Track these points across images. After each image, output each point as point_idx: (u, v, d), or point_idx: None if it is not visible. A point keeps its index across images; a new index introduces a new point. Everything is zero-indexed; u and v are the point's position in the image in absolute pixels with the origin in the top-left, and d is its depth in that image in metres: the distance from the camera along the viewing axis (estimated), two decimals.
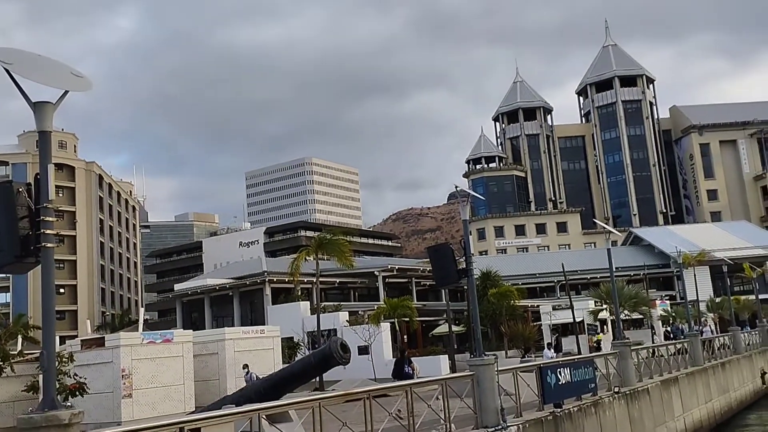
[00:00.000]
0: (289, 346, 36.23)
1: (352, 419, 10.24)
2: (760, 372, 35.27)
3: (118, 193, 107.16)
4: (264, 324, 40.78)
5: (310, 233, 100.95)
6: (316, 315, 34.44)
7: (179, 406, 22.77)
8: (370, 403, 10.35)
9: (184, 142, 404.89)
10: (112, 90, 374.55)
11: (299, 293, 48.76)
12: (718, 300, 60.78)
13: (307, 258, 36.37)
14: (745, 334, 38.07)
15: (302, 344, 37.72)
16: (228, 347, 26.15)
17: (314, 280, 35.61)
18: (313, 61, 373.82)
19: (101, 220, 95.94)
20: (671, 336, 44.21)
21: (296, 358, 33.02)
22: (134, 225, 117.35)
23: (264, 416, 8.54)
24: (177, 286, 59.94)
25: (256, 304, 51.55)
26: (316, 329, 33.22)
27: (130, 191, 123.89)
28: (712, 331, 40.41)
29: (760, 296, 56.21)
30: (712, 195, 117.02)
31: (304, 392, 20.26)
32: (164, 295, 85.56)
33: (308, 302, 45.54)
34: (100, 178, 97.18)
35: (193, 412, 16.40)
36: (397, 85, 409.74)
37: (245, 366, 23.85)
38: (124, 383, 22.07)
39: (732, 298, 52.75)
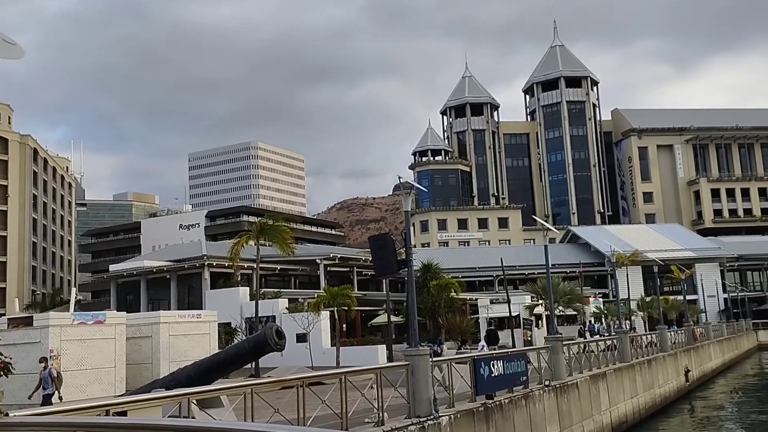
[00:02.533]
0: (226, 331, 35.83)
1: (284, 406, 10.19)
2: (684, 370, 36.64)
3: (54, 169, 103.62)
4: (201, 309, 40.17)
5: (252, 218, 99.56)
6: (255, 301, 34.11)
7: (109, 389, 22.26)
8: (304, 391, 10.32)
9: (127, 119, 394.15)
10: (54, 61, 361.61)
11: (239, 279, 48.20)
12: (648, 299, 62.85)
13: (249, 243, 35.95)
14: (672, 333, 39.49)
15: (240, 330, 37.33)
16: (162, 331, 25.69)
17: (254, 265, 35.26)
18: (265, 43, 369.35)
19: (35, 196, 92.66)
20: (588, 334, 44.35)
21: (232, 344, 32.65)
22: (70, 202, 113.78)
23: (194, 401, 8.40)
24: (112, 267, 58.41)
25: (195, 288, 50.70)
26: (254, 315, 32.91)
27: (67, 167, 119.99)
28: (634, 329, 41.24)
29: (688, 297, 58.47)
30: (648, 197, 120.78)
31: (238, 378, 20.07)
32: (99, 275, 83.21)
33: (248, 288, 45.08)
34: (35, 152, 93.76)
35: (122, 396, 16.04)
36: (349, 73, 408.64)
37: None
38: (52, 364, 21.42)
39: (661, 297, 54.66)
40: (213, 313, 29.41)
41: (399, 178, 13.91)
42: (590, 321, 50.20)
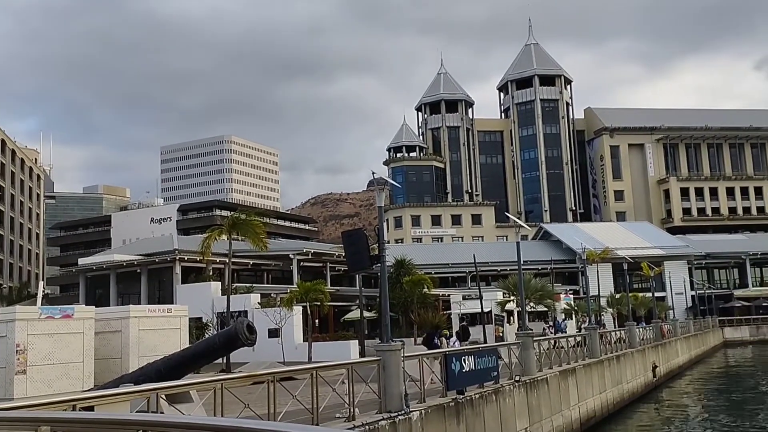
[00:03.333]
0: (197, 326, 35.58)
1: (255, 401, 10.16)
2: (652, 365, 37.24)
3: (22, 160, 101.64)
4: (172, 303, 39.82)
5: (225, 213, 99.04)
6: (226, 296, 33.90)
7: (77, 384, 21.95)
8: (275, 386, 10.29)
9: (99, 111, 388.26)
10: (24, 51, 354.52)
11: (211, 273, 47.85)
12: (617, 296, 63.70)
13: (221, 238, 35.71)
14: (640, 330, 40.08)
15: (211, 325, 37.10)
16: (132, 325, 25.38)
17: (227, 260, 35.02)
18: (239, 36, 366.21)
19: (2, 188, 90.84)
20: (552, 331, 44.14)
21: (203, 339, 32.44)
22: (38, 194, 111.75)
23: (163, 396, 8.34)
24: (81, 261, 57.61)
25: (165, 282, 50.21)
26: (226, 310, 32.71)
27: (36, 159, 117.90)
28: (603, 326, 41.40)
29: (656, 294, 59.41)
30: (619, 195, 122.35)
31: (208, 373, 19.95)
32: (67, 269, 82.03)
33: (219, 283, 44.78)
34: (3, 143, 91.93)
35: (89, 391, 15.84)
36: (325, 68, 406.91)
37: None
38: (18, 359, 21.08)
39: (630, 294, 55.44)
40: (184, 308, 29.11)
41: (373, 174, 13.92)
42: (555, 318, 50.62)
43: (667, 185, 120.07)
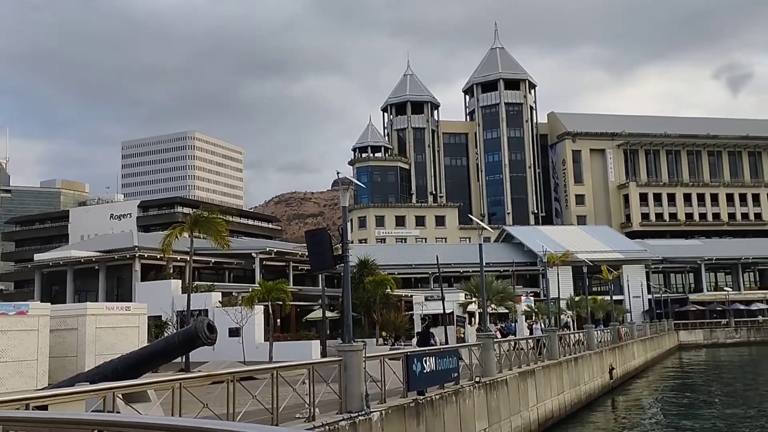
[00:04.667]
0: (156, 324, 35.10)
1: (214, 401, 10.06)
2: (609, 367, 37.89)
3: None
4: (131, 301, 39.19)
5: (187, 210, 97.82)
6: (187, 294, 33.49)
7: (30, 382, 21.46)
8: (234, 386, 10.21)
9: (59, 103, 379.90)
10: None
11: (171, 271, 47.22)
12: (577, 299, 64.65)
13: (183, 235, 35.24)
14: (598, 332, 40.74)
15: (170, 324, 36.60)
16: (89, 323, 24.91)
17: (188, 258, 34.59)
18: (207, 32, 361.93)
19: None
20: (504, 333, 44.14)
21: (162, 338, 32.00)
22: None
23: (120, 395, 8.20)
24: (37, 256, 56.29)
25: (124, 280, 49.37)
26: (186, 309, 32.30)
27: None
28: (542, 330, 40.31)
29: (614, 297, 60.51)
30: (580, 200, 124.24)
31: (167, 372, 19.68)
32: (22, 265, 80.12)
33: (180, 281, 44.22)
34: None
35: (43, 389, 15.48)
36: (292, 67, 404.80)
37: None
38: None
39: (589, 297, 56.29)
40: (143, 306, 28.67)
41: (338, 173, 13.90)
42: (507, 320, 51.06)
43: (626, 190, 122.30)
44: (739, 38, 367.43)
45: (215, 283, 48.93)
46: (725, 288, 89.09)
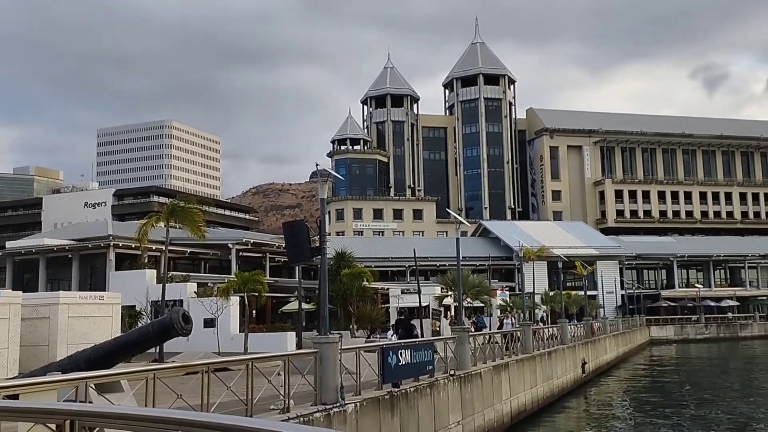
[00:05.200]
0: (130, 314, 34.80)
1: (188, 392, 10.01)
2: (581, 362, 38.35)
3: None
4: (105, 290, 38.81)
5: (163, 199, 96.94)
6: (162, 284, 33.23)
7: (1, 371, 21.18)
8: (209, 377, 10.17)
9: (35, 90, 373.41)
10: None
11: (146, 261, 46.82)
12: (551, 293, 65.22)
13: (159, 225, 34.94)
14: (572, 327, 41.18)
15: (145, 314, 36.32)
16: (62, 312, 24.63)
17: (163, 248, 34.31)
18: (186, 19, 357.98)
19: None
20: (477, 327, 44.14)
21: (136, 328, 31.77)
22: None
23: (92, 385, 8.13)
24: (9, 244, 55.44)
25: (98, 269, 48.83)
26: (161, 299, 32.07)
27: None
28: (512, 324, 40.46)
29: (588, 292, 61.12)
30: (557, 195, 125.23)
31: (140, 362, 19.54)
32: None
33: (155, 271, 43.87)
34: None
35: (14, 378, 15.29)
36: (272, 57, 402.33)
37: None
38: None
39: (564, 292, 56.82)
40: (117, 296, 28.41)
41: (316, 165, 13.87)
42: (479, 315, 51.16)
43: (602, 187, 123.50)
44: (716, 39, 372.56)
45: (191, 274, 48.62)
46: (696, 285, 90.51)
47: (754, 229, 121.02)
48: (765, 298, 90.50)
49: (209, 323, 34.66)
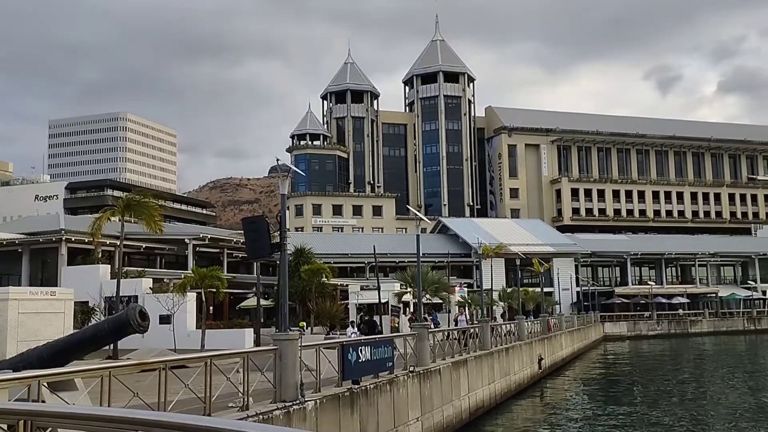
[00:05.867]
0: (83, 310, 34.00)
1: (145, 390, 9.82)
2: (538, 358, 38.88)
3: None
4: (57, 286, 37.82)
5: (117, 193, 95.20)
6: (116, 280, 32.54)
7: None
8: (166, 374, 9.98)
9: None
10: None
11: (100, 256, 45.79)
12: (509, 290, 66.04)
13: (113, 219, 34.21)
14: (529, 323, 41.73)
15: (98, 310, 35.52)
16: (11, 308, 23.90)
17: (118, 243, 33.61)
18: (142, 9, 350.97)
19: None
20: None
21: (90, 324, 31.08)
22: None
23: (45, 383, 7.89)
24: None
25: (50, 264, 47.55)
26: (115, 295, 31.40)
27: None
28: (466, 321, 40.24)
29: (545, 289, 62.11)
30: (514, 193, 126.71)
31: (94, 360, 19.09)
32: None
33: (109, 266, 42.94)
34: None
35: None
36: (232, 50, 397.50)
37: None
38: None
39: (521, 289, 57.56)
40: (69, 291, 27.67)
41: (277, 160, 13.73)
42: (433, 312, 51.37)
43: (559, 185, 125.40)
44: (669, 42, 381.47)
45: (146, 269, 47.72)
46: (649, 282, 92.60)
47: (704, 228, 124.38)
48: (714, 295, 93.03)
49: (165, 320, 34.05)
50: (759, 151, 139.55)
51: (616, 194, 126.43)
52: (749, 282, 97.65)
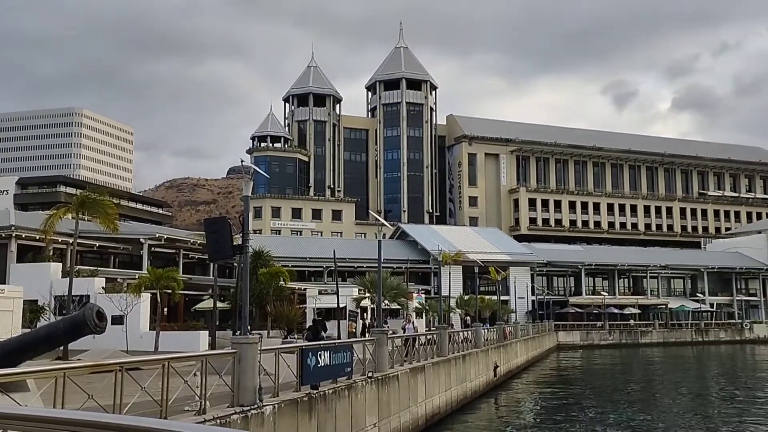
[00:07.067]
0: (32, 309, 33.12)
1: (100, 392, 9.56)
2: (494, 365, 39.21)
3: None
4: (5, 283, 36.70)
5: (71, 190, 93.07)
6: (69, 278, 31.73)
7: None
8: (122, 376, 9.75)
9: None
10: None
11: (51, 254, 44.63)
12: (466, 297, 66.47)
13: (66, 216, 33.35)
14: (485, 331, 42.04)
15: (48, 309, 34.60)
16: None
17: (70, 240, 32.78)
18: (102, 3, 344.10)
19: None
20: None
21: (39, 323, 30.25)
22: None
23: None
24: None
25: None
26: (66, 294, 30.61)
27: None
28: (414, 329, 37.77)
29: (501, 297, 62.66)
30: (473, 201, 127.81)
31: (44, 360, 18.55)
32: None
33: (60, 264, 41.90)
34: None
35: None
36: (193, 49, 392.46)
37: None
38: None
39: (478, 297, 57.96)
40: (18, 289, 26.98)
41: (241, 161, 13.59)
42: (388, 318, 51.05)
43: (517, 195, 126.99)
44: (626, 58, 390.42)
45: (99, 268, 46.72)
46: (602, 292, 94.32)
47: (656, 240, 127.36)
48: (664, 306, 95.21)
49: (117, 320, 33.31)
50: (710, 168, 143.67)
51: (572, 205, 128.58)
52: (698, 294, 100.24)
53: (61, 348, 26.21)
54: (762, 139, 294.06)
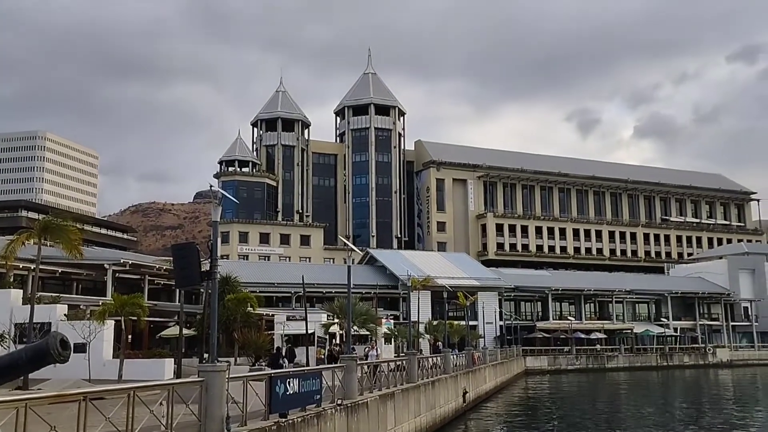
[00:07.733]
0: None
1: (63, 422, 9.30)
2: (463, 391, 39.15)
3: None
4: None
5: (32, 214, 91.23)
6: (30, 306, 30.94)
7: None
8: (86, 405, 9.51)
9: None
10: None
11: (12, 279, 43.51)
12: (435, 323, 66.41)
13: (28, 241, 32.61)
14: (454, 356, 42.01)
15: (8, 336, 33.61)
16: None
17: (32, 266, 32.05)
18: (67, 26, 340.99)
19: None
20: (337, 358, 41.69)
21: (4, 353, 29.36)
22: None
23: None
24: None
25: None
26: (27, 321, 29.81)
27: None
28: (377, 356, 38.33)
29: (470, 323, 62.77)
30: (441, 227, 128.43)
31: (3, 390, 18.00)
32: None
33: (21, 291, 40.84)
34: None
35: None
36: (159, 72, 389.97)
37: None
38: None
39: (447, 322, 57.95)
40: None
41: (210, 186, 13.46)
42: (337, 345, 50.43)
43: (484, 220, 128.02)
44: (589, 86, 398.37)
45: (61, 295, 45.62)
46: (569, 317, 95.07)
47: (620, 265, 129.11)
48: (629, 331, 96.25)
49: (80, 348, 32.48)
50: (672, 194, 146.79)
51: (538, 230, 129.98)
52: (662, 319, 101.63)
53: (21, 378, 25.49)
54: (721, 166, 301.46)
